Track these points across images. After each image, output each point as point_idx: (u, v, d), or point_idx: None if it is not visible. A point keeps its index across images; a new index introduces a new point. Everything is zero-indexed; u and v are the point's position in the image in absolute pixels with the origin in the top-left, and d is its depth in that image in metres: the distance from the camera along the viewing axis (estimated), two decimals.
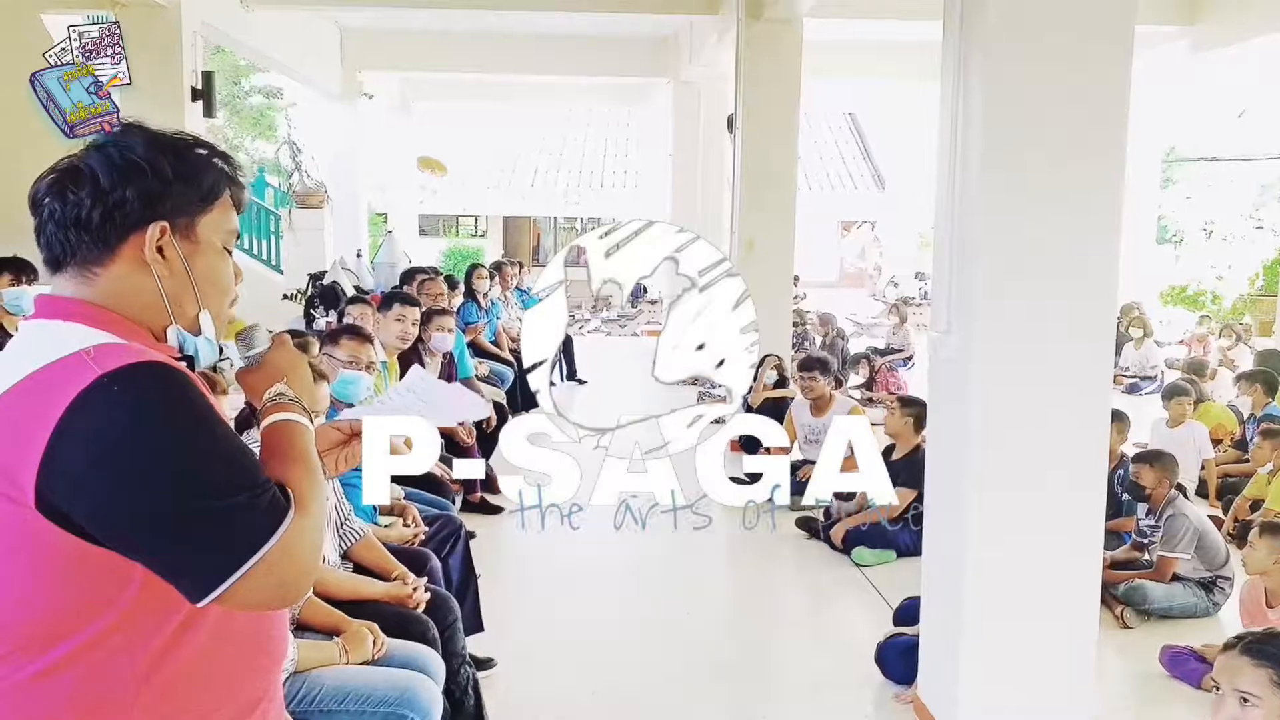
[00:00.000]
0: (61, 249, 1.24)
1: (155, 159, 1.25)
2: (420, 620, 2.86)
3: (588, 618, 4.47)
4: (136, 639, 1.16)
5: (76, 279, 1.25)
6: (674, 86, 12.72)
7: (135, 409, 1.13)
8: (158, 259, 1.26)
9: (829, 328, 11.32)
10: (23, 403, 1.13)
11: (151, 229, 1.24)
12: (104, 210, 1.22)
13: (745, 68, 7.71)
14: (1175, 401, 6.66)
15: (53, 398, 1.11)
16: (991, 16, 3.10)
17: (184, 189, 1.27)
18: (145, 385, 1.14)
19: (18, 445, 1.11)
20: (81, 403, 1.10)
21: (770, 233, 7.73)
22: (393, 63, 13.20)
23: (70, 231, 1.23)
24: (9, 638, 1.14)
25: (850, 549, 5.23)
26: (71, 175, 1.24)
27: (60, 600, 1.14)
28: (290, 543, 1.17)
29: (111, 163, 1.23)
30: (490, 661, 3.76)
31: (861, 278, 23.91)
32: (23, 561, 1.13)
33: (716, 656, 4.19)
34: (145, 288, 1.25)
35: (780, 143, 7.71)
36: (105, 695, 1.16)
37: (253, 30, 9.48)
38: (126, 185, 1.23)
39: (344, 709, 2.36)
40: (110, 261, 1.24)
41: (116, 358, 1.14)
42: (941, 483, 3.49)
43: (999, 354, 3.17)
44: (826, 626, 4.67)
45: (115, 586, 1.15)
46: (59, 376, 1.13)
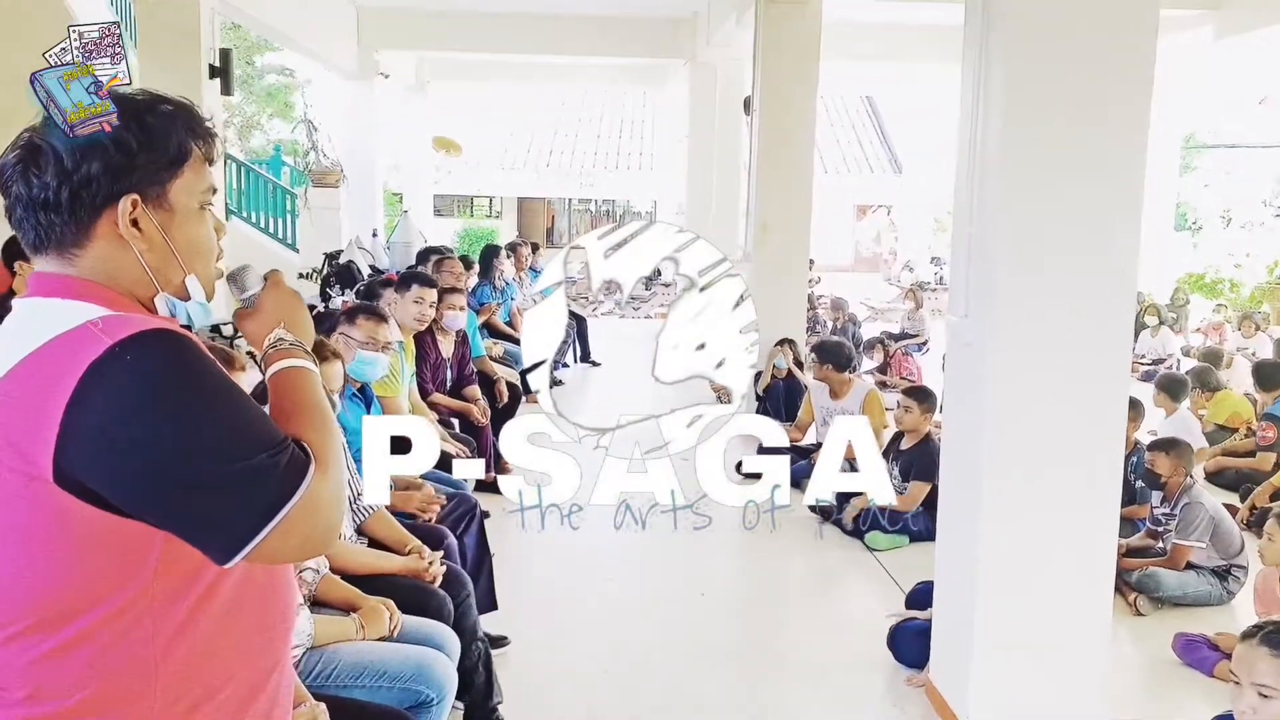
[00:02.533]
0: (35, 233, 1.21)
1: (117, 130, 1.20)
2: (435, 595, 2.88)
3: (601, 597, 4.50)
4: (157, 610, 1.16)
5: (59, 260, 1.22)
6: (691, 68, 12.67)
7: (150, 375, 1.13)
8: (134, 233, 1.22)
9: (840, 313, 11.29)
10: (31, 378, 1.11)
11: (123, 204, 1.21)
12: (70, 191, 1.19)
13: (763, 49, 7.67)
14: (1159, 394, 6.76)
15: (63, 370, 1.10)
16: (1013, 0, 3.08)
17: (150, 157, 1.22)
18: (157, 351, 1.14)
19: (31, 421, 1.10)
20: (94, 373, 1.09)
21: (786, 216, 7.70)
22: (409, 42, 13.19)
23: (40, 215, 1.20)
24: (30, 611, 1.14)
25: (863, 533, 5.23)
26: (33, 156, 1.20)
27: (82, 573, 1.13)
28: (313, 498, 1.17)
29: (72, 139, 1.19)
30: (504, 639, 3.79)
31: (876, 262, 23.83)
32: (42, 536, 1.12)
33: (728, 637, 4.21)
34: (128, 262, 1.23)
35: (797, 125, 7.67)
36: (125, 667, 1.16)
37: (270, 8, 9.47)
38: (90, 161, 1.19)
39: (360, 684, 2.38)
40: (87, 241, 1.21)
41: (125, 327, 1.14)
42: (956, 467, 3.48)
43: (1016, 340, 3.16)
44: (839, 609, 4.67)
45: (136, 558, 1.15)
46: (67, 349, 1.12)
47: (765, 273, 7.80)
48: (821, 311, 12.23)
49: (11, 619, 1.14)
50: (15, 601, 1.14)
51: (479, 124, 21.59)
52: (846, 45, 11.01)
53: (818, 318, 11.81)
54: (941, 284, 16.66)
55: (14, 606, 1.14)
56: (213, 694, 1.23)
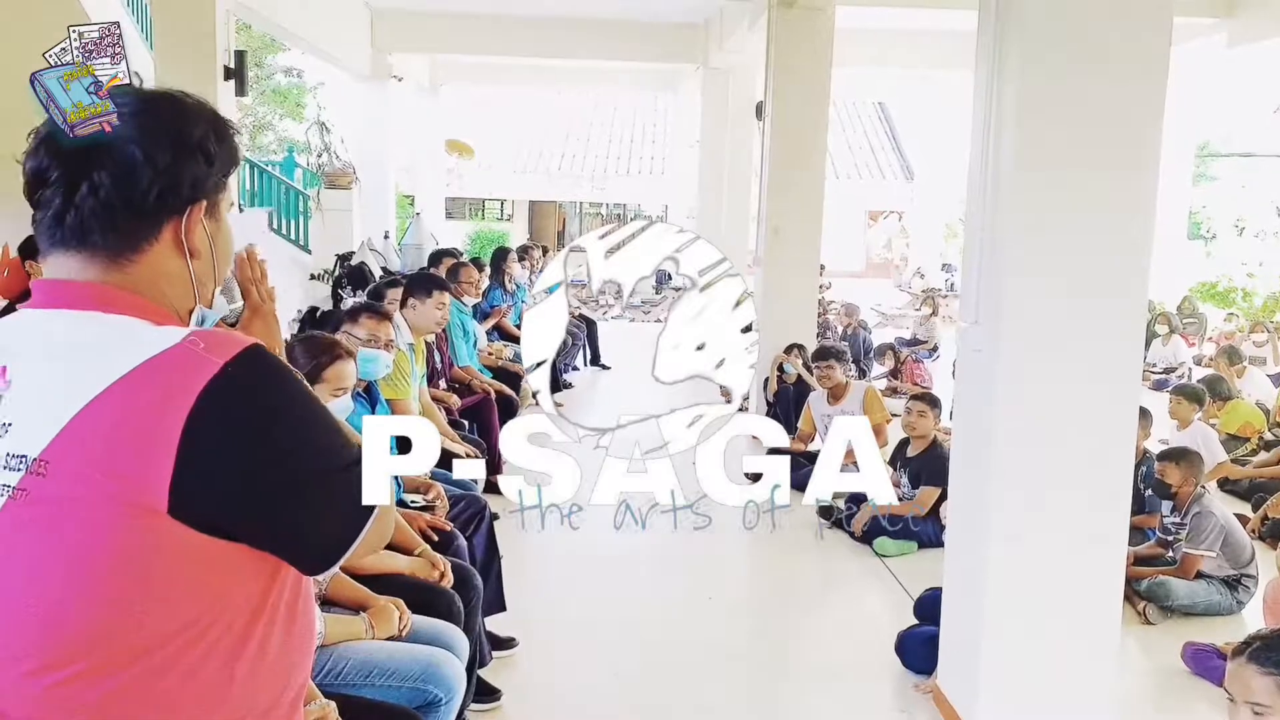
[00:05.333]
0: (100, 232, 1.14)
1: (199, 133, 1.17)
2: (445, 595, 2.89)
3: (609, 600, 4.50)
4: (239, 630, 1.13)
5: (105, 265, 1.15)
6: (703, 73, 12.69)
7: (264, 396, 1.10)
8: (194, 242, 1.19)
9: (852, 319, 11.28)
10: (132, 404, 1.04)
11: (194, 211, 1.18)
12: (159, 192, 1.14)
13: (776, 55, 7.67)
14: (1176, 403, 6.59)
15: (172, 394, 1.04)
16: (1028, 6, 3.08)
17: (220, 166, 1.21)
18: (263, 368, 1.11)
19: (139, 449, 1.03)
20: (209, 396, 1.05)
21: (797, 221, 7.71)
22: (422, 45, 13.24)
23: (117, 215, 1.13)
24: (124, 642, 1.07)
25: (872, 539, 5.23)
26: (112, 148, 1.13)
27: (188, 599, 1.09)
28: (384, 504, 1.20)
29: (157, 137, 1.14)
30: (512, 641, 3.79)
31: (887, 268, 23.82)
32: (148, 567, 1.06)
33: (736, 641, 4.21)
34: (176, 272, 1.19)
35: (809, 131, 7.68)
36: (204, 690, 1.12)
37: (284, 10, 9.52)
38: (181, 164, 1.16)
39: (370, 683, 2.39)
40: (149, 245, 1.16)
41: (226, 345, 1.09)
42: (966, 474, 3.48)
43: (1027, 346, 3.16)
44: (847, 615, 4.67)
45: (236, 580, 1.12)
46: (171, 372, 1.06)
47: (776, 278, 7.81)
48: (832, 317, 12.20)
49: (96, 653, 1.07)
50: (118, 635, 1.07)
51: (491, 127, 21.64)
52: (859, 51, 11.02)
53: (828, 323, 11.80)
54: (952, 290, 16.63)
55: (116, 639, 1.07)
56: (276, 704, 1.21)
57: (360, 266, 8.97)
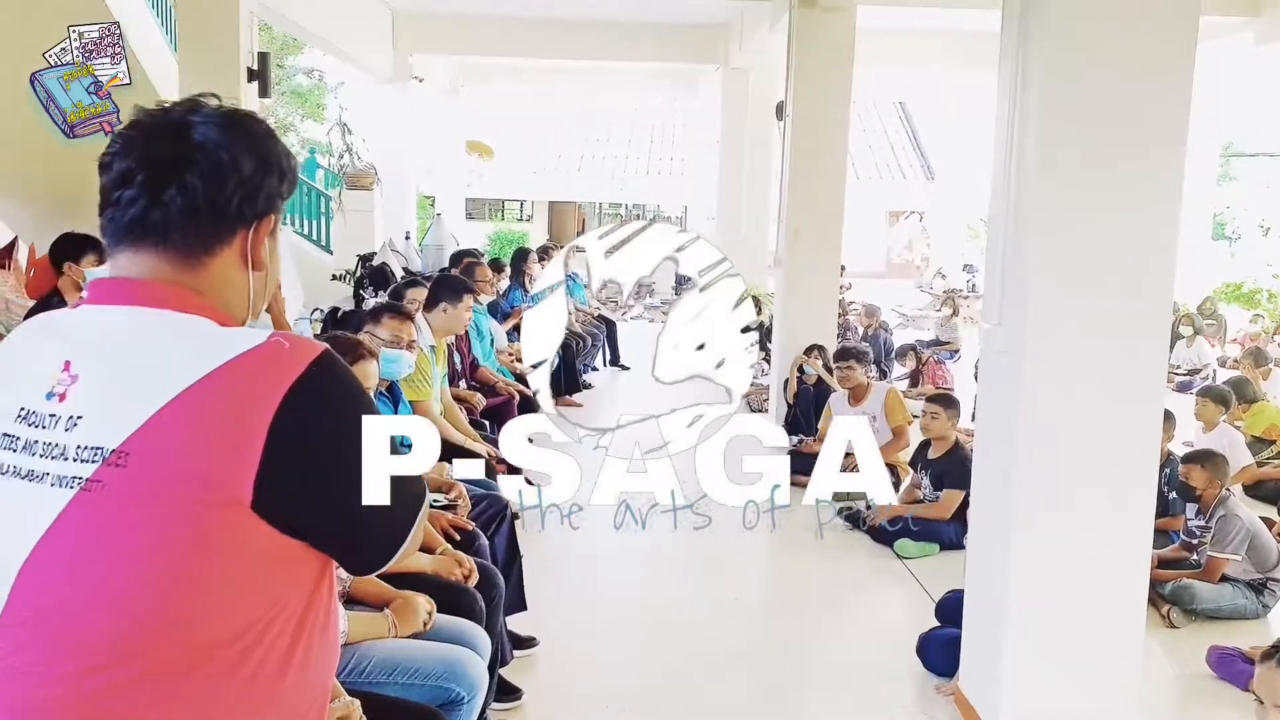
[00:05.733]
0: (181, 232, 1.17)
1: (276, 150, 1.24)
2: (468, 593, 2.90)
3: (630, 600, 4.51)
4: (293, 630, 1.15)
5: (177, 265, 1.18)
6: (723, 73, 12.69)
7: (344, 396, 1.15)
8: (260, 254, 1.24)
9: (873, 320, 11.24)
10: (225, 397, 1.07)
11: (264, 224, 1.24)
12: (239, 200, 1.19)
13: (796, 55, 7.66)
14: (1203, 405, 6.51)
15: (260, 392, 1.08)
16: (1051, 5, 3.06)
17: (288, 185, 1.27)
18: (343, 371, 1.17)
19: (225, 445, 1.06)
20: (296, 395, 1.08)
21: (818, 222, 7.68)
22: (443, 46, 13.29)
23: (201, 216, 1.17)
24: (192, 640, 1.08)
25: (893, 540, 5.21)
26: (202, 153, 1.17)
27: (254, 597, 1.11)
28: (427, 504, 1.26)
29: (245, 148, 1.20)
30: (533, 640, 3.80)
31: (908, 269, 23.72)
32: (234, 563, 1.08)
33: (757, 642, 4.21)
34: (238, 282, 1.23)
35: (830, 131, 7.65)
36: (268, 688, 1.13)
37: (307, 12, 9.58)
38: (264, 177, 1.21)
39: (393, 681, 2.40)
40: (221, 250, 1.20)
41: (308, 347, 1.14)
42: (988, 475, 3.47)
43: (1050, 348, 3.14)
44: (868, 617, 4.66)
45: (294, 581, 1.15)
46: (259, 369, 1.10)
47: (796, 279, 7.80)
48: (853, 318, 12.16)
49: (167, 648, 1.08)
50: (193, 629, 1.08)
51: (511, 128, 21.70)
52: (880, 50, 10.97)
53: (849, 324, 11.76)
54: (974, 291, 16.55)
55: (190, 634, 1.08)
56: (314, 705, 1.22)
57: (382, 267, 9.02)
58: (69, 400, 1.10)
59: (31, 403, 1.12)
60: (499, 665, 3.25)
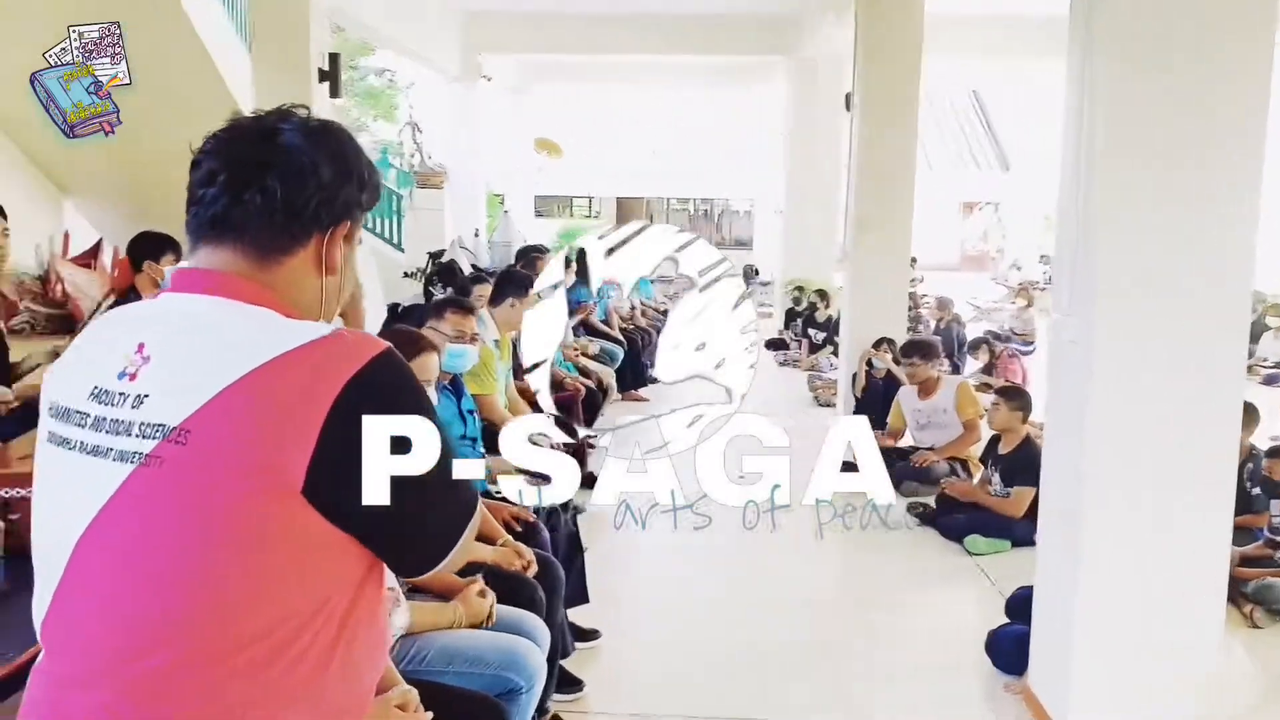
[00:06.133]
0: (258, 230, 1.22)
1: (358, 160, 1.28)
2: (528, 584, 2.92)
3: (696, 594, 4.49)
4: (337, 624, 1.16)
5: (254, 262, 1.22)
6: (791, 65, 12.58)
7: (402, 393, 1.16)
8: (334, 259, 1.27)
9: (945, 313, 11.06)
10: (278, 387, 1.10)
11: (338, 230, 1.26)
12: (317, 203, 1.23)
13: (863, 44, 7.56)
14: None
15: (320, 381, 1.10)
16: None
17: (368, 196, 1.30)
18: (404, 369, 1.19)
19: (283, 430, 1.08)
20: (355, 387, 1.10)
21: (887, 214, 7.57)
22: (511, 45, 13.38)
23: (279, 216, 1.21)
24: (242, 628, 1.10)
25: (963, 537, 5.12)
26: (286, 157, 1.22)
27: (300, 585, 1.12)
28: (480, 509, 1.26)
29: (327, 154, 1.24)
30: (595, 633, 3.82)
31: (983, 260, 23.28)
32: (281, 547, 1.10)
33: (822, 638, 4.17)
34: (310, 285, 1.26)
35: (899, 121, 7.53)
36: (309, 680, 1.14)
37: (377, 13, 9.72)
38: (342, 185, 1.25)
39: (451, 670, 2.42)
40: (297, 251, 1.24)
41: (370, 342, 1.16)
42: (1058, 469, 3.38)
43: (1123, 338, 3.05)
44: (937, 614, 4.58)
45: (341, 573, 1.16)
46: (320, 359, 1.12)
47: (864, 271, 7.70)
48: (925, 311, 12.00)
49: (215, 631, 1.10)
50: (238, 610, 1.10)
51: (579, 125, 21.79)
52: (951, 39, 10.77)
53: (920, 317, 11.59)
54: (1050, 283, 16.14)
55: (234, 615, 1.10)
56: (358, 702, 1.22)
57: (451, 264, 9.11)
58: (139, 379, 1.14)
59: (105, 382, 1.16)
60: (560, 657, 3.27)
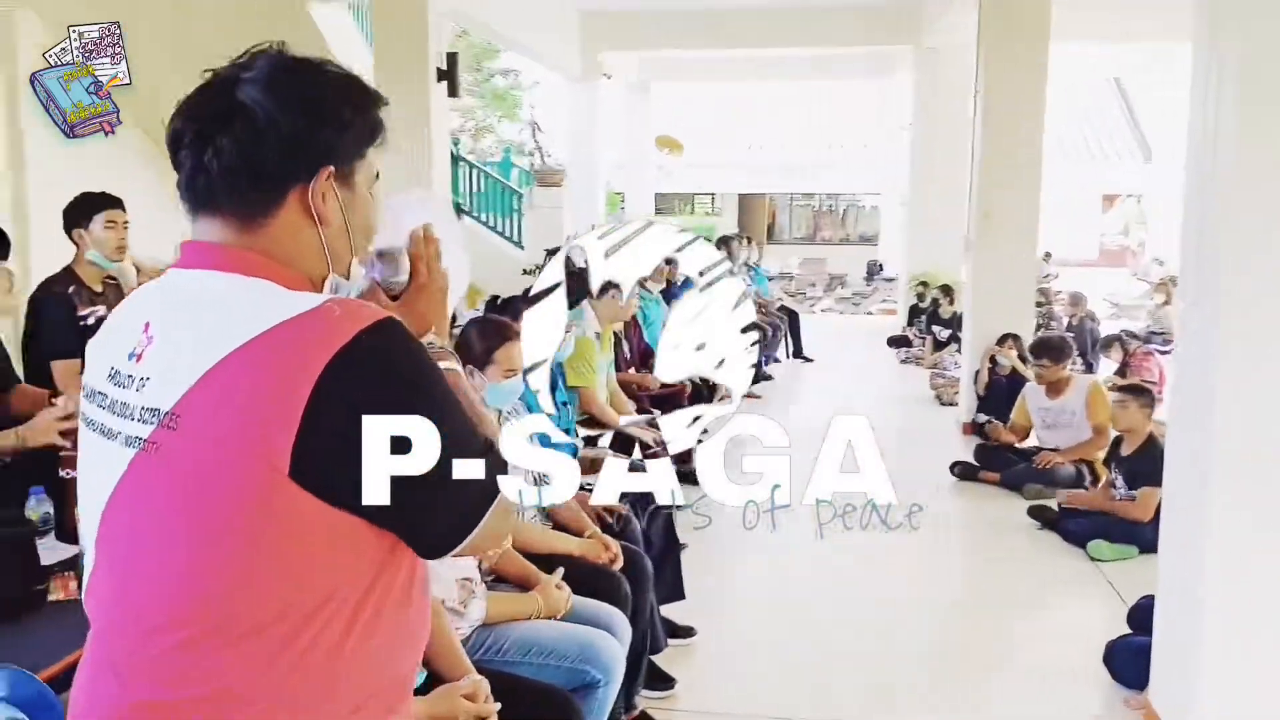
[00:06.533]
0: (227, 195, 1.14)
1: (333, 99, 1.16)
2: (612, 576, 2.88)
3: (801, 595, 4.36)
4: (353, 608, 1.10)
5: (238, 227, 1.15)
6: (915, 54, 12.25)
7: (394, 365, 1.08)
8: (322, 207, 1.16)
9: (1078, 309, 10.58)
10: (269, 362, 1.04)
11: (321, 177, 1.15)
12: (279, 157, 1.13)
13: (987, 30, 7.29)
14: None
15: (306, 356, 1.03)
16: None
17: (355, 134, 1.19)
18: (400, 340, 1.10)
19: (271, 408, 1.03)
20: (341, 361, 1.03)
21: (1012, 205, 7.28)
22: (631, 42, 13.40)
23: (241, 178, 1.13)
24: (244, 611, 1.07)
25: (1086, 542, 4.86)
26: (240, 112, 1.12)
27: (306, 568, 1.07)
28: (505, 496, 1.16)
29: (291, 102, 1.13)
30: (690, 630, 3.75)
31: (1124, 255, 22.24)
32: (268, 531, 1.05)
33: (934, 643, 4.00)
34: (309, 238, 1.17)
35: (1025, 109, 7.22)
36: (314, 669, 1.09)
37: (496, 13, 9.86)
38: (311, 129, 1.14)
39: (528, 660, 2.40)
40: (277, 210, 1.15)
41: (362, 313, 1.08)
42: (1181, 469, 3.15)
43: (1253, 328, 2.82)
44: (1055, 621, 4.35)
45: (354, 554, 1.10)
46: (306, 333, 1.05)
47: (989, 264, 7.43)
48: (1057, 308, 11.52)
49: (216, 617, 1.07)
50: (234, 599, 1.07)
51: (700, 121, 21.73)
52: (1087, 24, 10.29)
53: (1051, 314, 11.13)
54: None
55: (232, 605, 1.07)
56: (383, 689, 1.18)
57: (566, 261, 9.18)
58: (143, 361, 1.12)
59: (118, 362, 1.15)
60: (650, 652, 3.22)
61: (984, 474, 6.08)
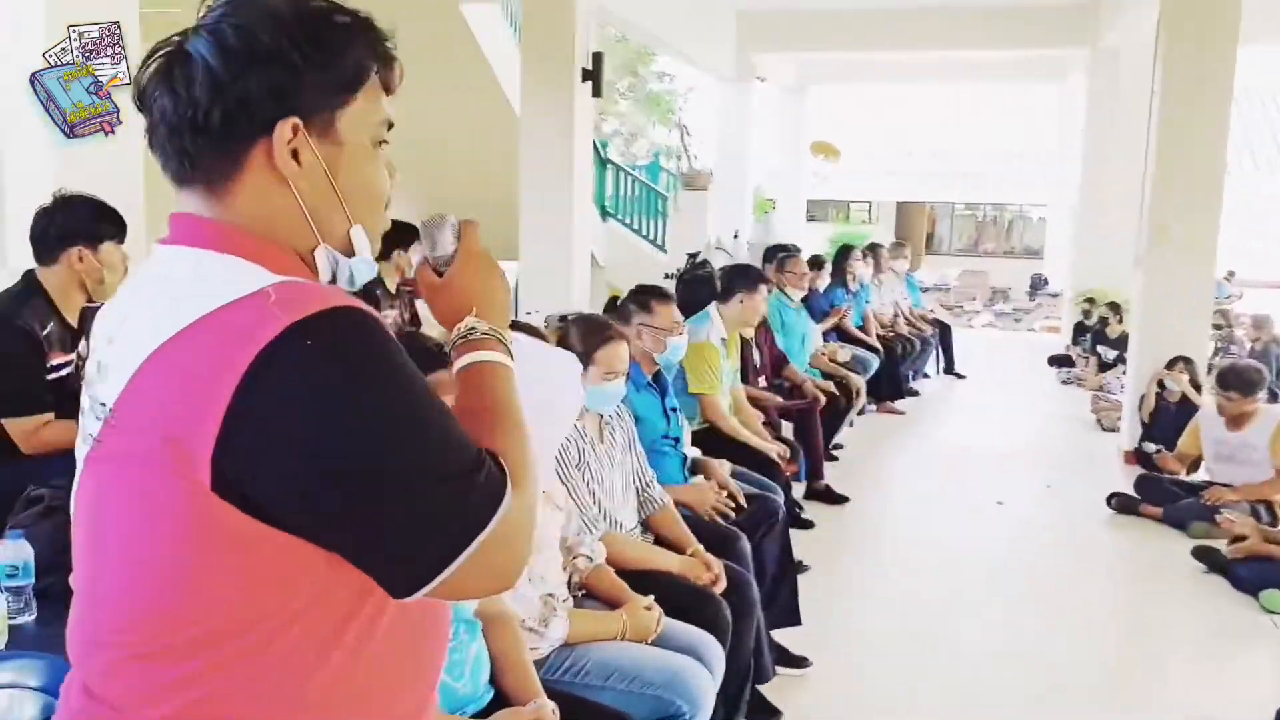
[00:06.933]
0: (179, 160, 1.01)
1: (281, 39, 0.99)
2: (712, 601, 2.69)
3: (935, 627, 4.04)
4: (310, 640, 0.97)
5: (206, 197, 1.02)
6: (1090, 56, 11.54)
7: (333, 368, 0.91)
8: (293, 167, 1.01)
9: (1263, 332, 9.74)
10: (189, 359, 0.91)
11: (280, 129, 0.99)
12: (223, 109, 0.98)
13: (1167, 30, 6.74)
14: None
15: (230, 353, 0.89)
16: None
17: (320, 76, 1.01)
18: (343, 337, 0.92)
19: (190, 413, 0.89)
20: (267, 360, 0.88)
21: (1188, 219, 6.71)
22: (788, 44, 13.14)
23: (187, 137, 0.99)
24: (167, 631, 0.95)
25: (1258, 590, 4.38)
26: (180, 64, 0.99)
27: (236, 592, 0.94)
28: (508, 525, 0.97)
29: (227, 47, 0.98)
30: (804, 660, 3.51)
31: None
32: (193, 549, 0.93)
33: (1078, 685, 3.63)
34: (285, 204, 1.02)
35: (1207, 116, 6.64)
36: (268, 702, 0.97)
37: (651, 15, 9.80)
38: (248, 75, 0.98)
39: (609, 685, 2.24)
40: (238, 173, 1.00)
41: (304, 301, 0.92)
42: None
43: None
44: (1216, 676, 3.91)
45: (295, 579, 0.95)
46: (235, 325, 0.91)
47: (1160, 281, 6.88)
48: (1239, 331, 10.67)
49: (148, 637, 0.96)
50: (155, 619, 0.96)
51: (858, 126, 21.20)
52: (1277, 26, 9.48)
53: (1232, 337, 10.30)
54: None
55: (152, 624, 0.96)
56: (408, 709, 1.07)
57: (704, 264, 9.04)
58: (113, 345, 1.01)
59: (99, 349, 1.05)
60: (756, 682, 3.02)
61: (1145, 508, 5.58)
